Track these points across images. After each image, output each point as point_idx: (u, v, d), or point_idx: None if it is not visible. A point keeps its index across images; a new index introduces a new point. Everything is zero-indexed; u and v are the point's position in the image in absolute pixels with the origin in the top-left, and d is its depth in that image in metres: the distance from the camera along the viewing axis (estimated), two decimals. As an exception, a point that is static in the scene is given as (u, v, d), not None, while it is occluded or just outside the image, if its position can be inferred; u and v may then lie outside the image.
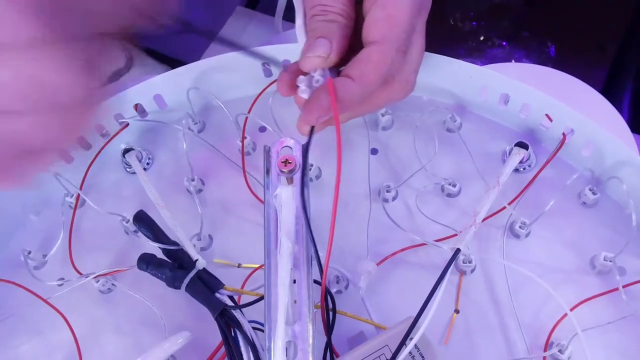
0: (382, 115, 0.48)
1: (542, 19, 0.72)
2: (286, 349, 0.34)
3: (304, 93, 0.38)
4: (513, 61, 0.66)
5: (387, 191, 0.45)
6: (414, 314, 0.36)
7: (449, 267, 0.37)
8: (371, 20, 0.38)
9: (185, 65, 0.48)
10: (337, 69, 0.39)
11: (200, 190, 0.47)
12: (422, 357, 0.36)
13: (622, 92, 0.68)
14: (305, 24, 0.40)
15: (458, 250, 0.38)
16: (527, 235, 0.43)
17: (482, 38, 0.70)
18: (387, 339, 0.37)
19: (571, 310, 0.39)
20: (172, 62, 0.64)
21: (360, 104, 0.39)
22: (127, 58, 0.64)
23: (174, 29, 0.30)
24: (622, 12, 0.71)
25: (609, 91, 0.53)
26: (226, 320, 0.37)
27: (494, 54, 0.69)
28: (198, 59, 0.49)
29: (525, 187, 0.44)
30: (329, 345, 0.38)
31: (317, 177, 0.47)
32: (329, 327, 0.38)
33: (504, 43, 0.70)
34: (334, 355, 0.39)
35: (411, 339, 0.35)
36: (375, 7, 0.37)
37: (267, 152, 0.40)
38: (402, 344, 0.35)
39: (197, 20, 0.82)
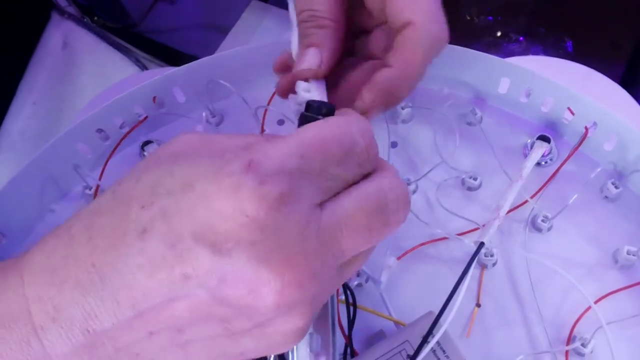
0: (402, 109, 0.47)
1: (559, 14, 0.72)
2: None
3: (293, 109, 0.34)
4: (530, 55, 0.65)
5: (407, 184, 0.45)
6: (434, 308, 0.36)
7: (473, 262, 0.36)
8: (395, 4, 0.34)
9: (204, 58, 0.48)
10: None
11: (219, 183, 0.47)
12: (444, 351, 0.36)
13: (639, 88, 0.68)
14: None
15: (482, 244, 0.38)
16: (549, 229, 0.43)
17: (498, 33, 0.69)
18: (408, 334, 0.36)
19: (595, 303, 0.39)
20: (187, 58, 0.64)
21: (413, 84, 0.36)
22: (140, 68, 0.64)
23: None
24: (639, 8, 0.70)
25: (626, 87, 0.53)
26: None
27: (511, 50, 0.69)
28: (212, 54, 0.49)
29: (548, 181, 0.43)
30: (349, 341, 0.38)
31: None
32: (349, 321, 0.38)
33: (521, 38, 0.70)
34: (354, 353, 0.39)
35: (433, 335, 0.35)
36: None
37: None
38: (425, 340, 0.35)
39: (213, 15, 0.83)
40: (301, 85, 0.33)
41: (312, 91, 0.34)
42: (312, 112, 0.27)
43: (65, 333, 0.23)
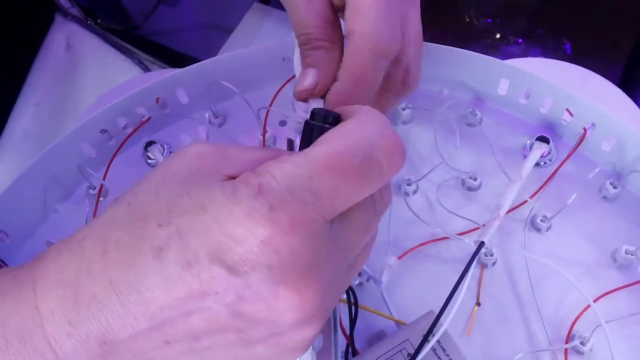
0: (402, 110, 0.48)
1: (557, 16, 0.72)
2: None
3: (294, 128, 0.37)
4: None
5: (408, 185, 0.45)
6: (434, 307, 0.36)
7: (473, 261, 0.37)
8: (346, 14, 0.35)
9: (206, 60, 0.48)
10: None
11: (221, 184, 0.47)
12: (444, 349, 0.37)
13: (637, 89, 0.69)
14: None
15: (482, 244, 0.38)
16: (548, 229, 0.43)
17: (498, 35, 0.70)
18: (409, 333, 0.37)
19: (594, 302, 0.39)
20: (189, 60, 0.64)
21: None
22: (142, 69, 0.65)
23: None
24: (638, 9, 0.71)
25: (625, 89, 0.53)
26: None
27: (510, 51, 0.69)
28: (214, 56, 0.50)
29: (547, 181, 0.44)
30: (350, 340, 0.38)
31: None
32: (350, 320, 0.39)
33: (520, 40, 0.70)
34: (355, 352, 0.39)
35: (434, 334, 0.35)
36: (346, 6, 0.35)
37: (290, 144, 0.41)
38: (425, 339, 0.36)
39: (214, 17, 0.83)
40: (301, 106, 0.35)
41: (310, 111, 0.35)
42: (317, 121, 0.27)
43: (80, 345, 0.23)
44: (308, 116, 0.35)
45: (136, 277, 0.22)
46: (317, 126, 0.26)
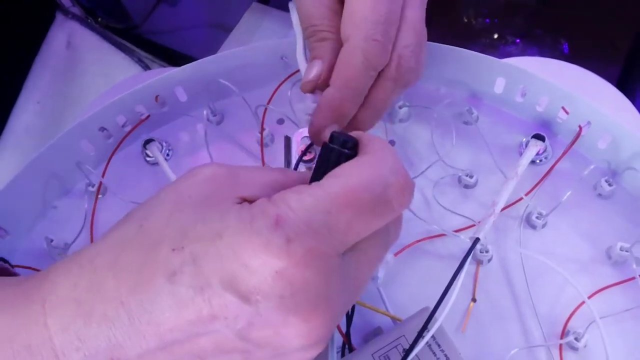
0: (400, 108, 0.48)
1: (555, 16, 0.72)
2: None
3: (305, 119, 0.38)
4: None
5: (405, 182, 0.45)
6: (431, 304, 0.36)
7: (468, 256, 0.37)
8: (342, 19, 0.35)
9: (205, 58, 0.49)
10: None
11: (219, 181, 0.48)
12: (439, 345, 0.37)
13: (635, 89, 0.69)
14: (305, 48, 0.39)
15: (477, 240, 0.39)
16: (543, 226, 0.44)
17: (495, 35, 0.70)
18: (404, 329, 0.37)
19: (588, 298, 0.39)
20: (188, 59, 0.64)
21: (358, 104, 0.37)
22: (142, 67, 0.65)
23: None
24: (636, 9, 0.71)
25: (622, 89, 0.54)
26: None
27: (508, 51, 0.70)
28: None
29: (542, 178, 0.44)
30: (347, 336, 0.39)
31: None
32: (347, 316, 0.39)
33: (518, 40, 0.70)
34: (352, 348, 0.39)
35: (428, 330, 0.36)
36: (344, 6, 0.35)
37: (288, 142, 0.41)
38: (420, 335, 0.36)
39: (214, 16, 0.84)
40: (310, 97, 0.36)
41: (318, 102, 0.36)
42: (336, 144, 0.27)
43: None
44: (315, 106, 0.35)
45: (148, 298, 0.23)
46: (336, 150, 0.27)
